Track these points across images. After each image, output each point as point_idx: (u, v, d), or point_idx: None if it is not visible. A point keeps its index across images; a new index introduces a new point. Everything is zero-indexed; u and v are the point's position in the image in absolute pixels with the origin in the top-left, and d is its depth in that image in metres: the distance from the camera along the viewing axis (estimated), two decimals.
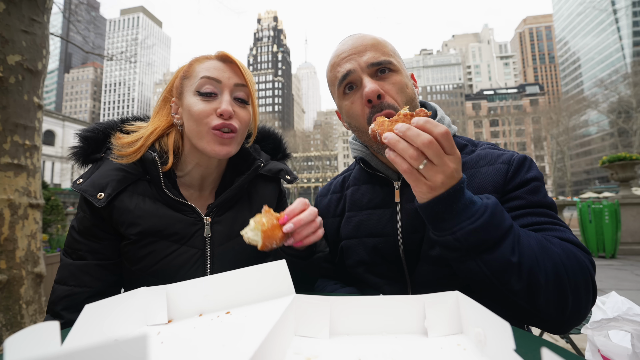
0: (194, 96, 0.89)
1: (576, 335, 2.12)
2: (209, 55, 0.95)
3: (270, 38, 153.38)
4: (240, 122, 0.91)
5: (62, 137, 44.01)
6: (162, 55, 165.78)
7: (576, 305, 0.67)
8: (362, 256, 0.97)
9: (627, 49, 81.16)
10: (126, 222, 0.87)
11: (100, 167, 0.91)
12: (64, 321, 0.83)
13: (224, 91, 0.90)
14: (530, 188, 0.82)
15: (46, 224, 5.40)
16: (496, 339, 0.41)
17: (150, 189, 0.92)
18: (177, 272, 0.89)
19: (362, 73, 0.87)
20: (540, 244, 0.69)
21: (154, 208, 0.90)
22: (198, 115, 0.87)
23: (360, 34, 0.94)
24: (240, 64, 0.93)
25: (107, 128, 0.99)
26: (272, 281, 0.68)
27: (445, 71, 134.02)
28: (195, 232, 0.93)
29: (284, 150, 1.18)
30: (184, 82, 0.93)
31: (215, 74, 0.90)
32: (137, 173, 0.91)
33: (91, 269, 0.87)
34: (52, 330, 0.41)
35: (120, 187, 0.88)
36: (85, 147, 0.96)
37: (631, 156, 7.74)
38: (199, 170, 0.98)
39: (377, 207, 0.99)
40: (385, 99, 0.86)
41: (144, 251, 0.88)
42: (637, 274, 5.36)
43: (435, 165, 0.63)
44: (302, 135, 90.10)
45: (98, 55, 6.52)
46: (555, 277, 0.66)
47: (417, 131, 0.62)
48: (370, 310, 0.56)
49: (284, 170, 1.09)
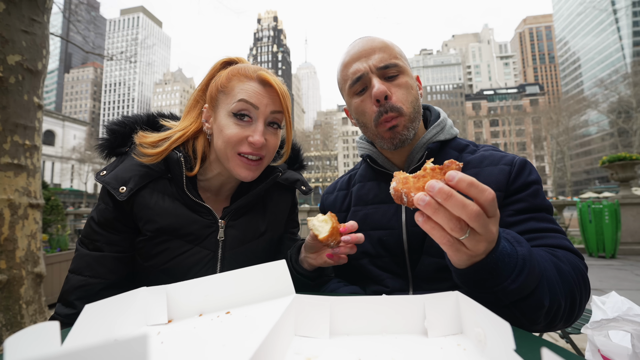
0: (228, 117, 0.88)
1: (576, 335, 2.12)
2: (249, 73, 0.90)
3: (270, 38, 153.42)
4: (268, 150, 0.92)
5: (62, 137, 44.01)
6: (162, 55, 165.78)
7: (579, 313, 0.74)
8: (366, 247, 1.00)
9: (627, 49, 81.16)
10: (144, 218, 0.88)
11: (124, 161, 0.93)
12: (76, 311, 0.83)
13: (260, 119, 0.89)
14: (532, 191, 0.87)
15: (46, 224, 5.40)
16: (496, 339, 0.41)
17: (170, 187, 0.93)
18: (188, 272, 0.91)
19: (372, 74, 0.93)
20: (558, 268, 0.71)
21: (172, 207, 0.91)
22: (230, 139, 0.87)
23: (370, 37, 0.99)
24: (279, 89, 0.90)
25: (135, 123, 0.99)
26: (272, 281, 0.68)
27: (445, 71, 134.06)
28: (210, 234, 0.94)
29: (301, 160, 1.20)
30: (220, 96, 0.91)
31: (254, 99, 0.88)
32: (159, 171, 0.92)
33: (107, 260, 0.88)
34: (52, 330, 0.41)
35: (142, 182, 0.89)
36: (112, 140, 0.97)
37: (631, 156, 7.74)
38: (220, 179, 0.99)
39: (383, 202, 1.02)
40: (391, 100, 0.91)
41: (158, 248, 0.89)
42: (637, 274, 5.36)
43: (480, 234, 0.54)
44: (302, 135, 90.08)
45: (98, 55, 6.53)
46: (571, 300, 0.71)
47: (461, 200, 0.51)
48: (370, 310, 0.56)
49: (300, 180, 1.11)
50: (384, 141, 0.95)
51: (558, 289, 0.68)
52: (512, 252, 0.61)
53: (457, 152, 1.02)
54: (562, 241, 0.81)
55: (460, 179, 0.52)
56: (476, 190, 0.52)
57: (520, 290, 0.61)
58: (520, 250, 0.62)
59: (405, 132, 0.93)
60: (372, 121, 0.94)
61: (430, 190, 0.52)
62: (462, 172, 0.53)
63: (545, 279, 0.66)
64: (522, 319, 0.66)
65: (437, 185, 0.51)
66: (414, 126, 0.95)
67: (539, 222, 0.83)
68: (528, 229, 0.83)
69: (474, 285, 0.63)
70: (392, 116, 0.91)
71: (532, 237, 0.81)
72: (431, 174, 0.56)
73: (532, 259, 0.62)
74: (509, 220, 0.85)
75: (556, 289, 0.67)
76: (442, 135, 1.01)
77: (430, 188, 0.52)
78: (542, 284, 0.65)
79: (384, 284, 0.96)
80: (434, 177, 0.55)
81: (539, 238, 0.81)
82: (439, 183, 0.51)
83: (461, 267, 0.62)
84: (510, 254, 0.61)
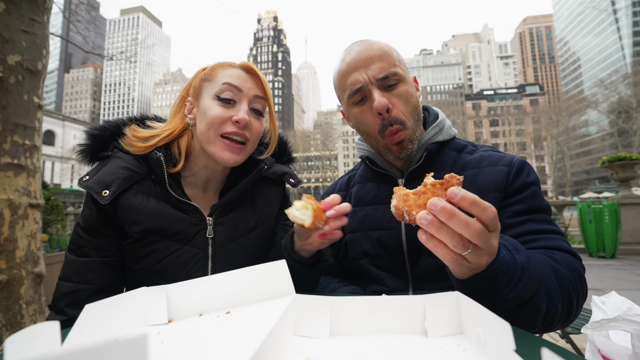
0: (212, 100, 0.90)
1: (576, 335, 2.12)
2: (233, 63, 0.96)
3: (270, 38, 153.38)
4: (252, 134, 0.93)
5: (62, 137, 44.02)
6: (162, 55, 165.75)
7: (576, 315, 0.75)
8: (366, 248, 1.00)
9: (627, 49, 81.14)
10: (130, 220, 0.88)
11: (106, 165, 0.92)
12: (67, 318, 0.84)
13: (243, 100, 0.92)
14: (530, 192, 0.88)
15: (46, 224, 5.40)
16: (496, 339, 0.41)
17: (154, 188, 0.92)
18: (179, 272, 0.90)
19: (372, 86, 0.92)
20: (555, 272, 0.72)
21: (157, 207, 0.90)
22: (213, 120, 0.88)
23: (367, 42, 0.97)
24: (262, 77, 0.95)
25: (116, 127, 1.00)
26: (272, 281, 0.68)
27: (445, 71, 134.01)
28: (198, 232, 0.93)
29: (289, 153, 1.19)
30: (203, 84, 0.94)
31: (237, 82, 0.91)
32: (142, 172, 0.92)
33: (95, 265, 0.88)
34: (52, 330, 0.41)
35: (125, 185, 0.88)
36: (92, 145, 0.97)
37: (631, 156, 7.74)
38: (205, 172, 0.99)
39: (382, 203, 1.02)
40: (393, 112, 0.91)
41: (146, 250, 0.89)
42: (637, 274, 5.36)
43: (482, 249, 0.55)
44: (302, 135, 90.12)
45: (98, 55, 6.53)
46: (569, 303, 0.72)
47: (464, 219, 0.51)
48: (370, 310, 0.56)
49: (288, 173, 1.09)
50: (390, 153, 0.96)
51: (555, 293, 0.69)
52: (511, 261, 0.61)
53: (456, 152, 1.02)
54: (560, 242, 0.82)
55: (463, 196, 0.52)
56: (478, 209, 0.52)
57: (519, 298, 0.62)
58: (519, 259, 0.63)
59: (410, 146, 0.94)
60: (376, 132, 0.95)
61: (433, 209, 0.51)
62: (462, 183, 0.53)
63: (543, 284, 0.67)
64: (520, 324, 0.66)
65: (439, 203, 0.51)
66: (417, 136, 0.96)
67: (537, 224, 0.84)
68: (527, 230, 0.84)
69: (474, 293, 0.63)
70: (397, 129, 0.91)
71: (531, 239, 0.82)
72: (432, 190, 0.55)
73: (530, 266, 0.63)
74: (508, 222, 0.86)
75: (553, 294, 0.68)
76: (441, 136, 1.01)
77: (433, 206, 0.51)
78: (540, 290, 0.65)
79: (384, 284, 0.96)
80: (434, 193, 0.55)
81: (537, 240, 0.82)
82: (441, 201, 0.51)
83: (462, 278, 0.63)
84: (509, 262, 0.61)
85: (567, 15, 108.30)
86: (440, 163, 1.00)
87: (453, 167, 0.98)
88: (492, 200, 0.88)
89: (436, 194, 0.55)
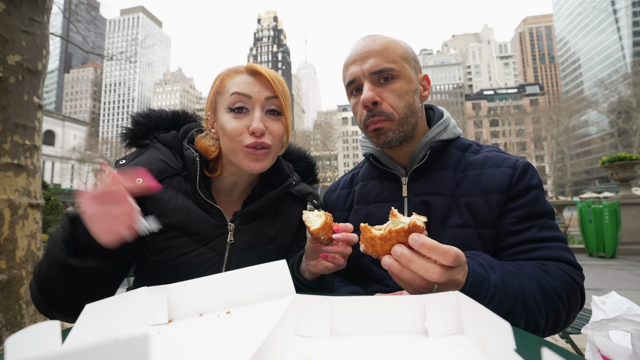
0: (226, 113, 0.90)
1: (576, 335, 2.12)
2: (238, 69, 0.94)
3: (270, 38, 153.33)
4: (273, 137, 0.91)
5: (62, 137, 44.01)
6: (162, 55, 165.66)
7: (567, 322, 0.77)
8: None
9: (627, 49, 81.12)
10: (156, 211, 0.89)
11: (144, 153, 0.94)
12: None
13: (255, 107, 0.90)
14: (533, 197, 0.88)
15: (46, 224, 5.40)
16: (496, 339, 0.41)
17: (185, 185, 0.94)
18: (194, 272, 0.91)
19: (364, 79, 0.94)
20: (542, 287, 0.73)
21: (185, 204, 0.92)
22: (231, 134, 0.88)
23: (372, 37, 0.99)
24: (269, 76, 0.91)
25: (160, 118, 1.02)
26: (272, 281, 0.68)
27: (445, 71, 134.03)
28: (218, 235, 0.95)
29: (315, 175, 1.21)
30: (217, 97, 0.94)
31: (245, 89, 0.89)
32: (176, 168, 0.94)
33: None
34: (52, 330, 0.41)
35: (159, 177, 0.90)
36: (136, 131, 0.98)
37: (631, 156, 7.74)
38: (233, 178, 1.00)
39: (385, 201, 1.03)
40: (381, 105, 0.93)
41: (166, 244, 0.90)
42: (637, 274, 5.36)
43: (447, 284, 0.60)
44: (302, 135, 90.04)
45: (98, 55, 6.53)
46: (554, 317, 0.73)
47: (421, 265, 0.56)
48: (370, 310, 0.56)
49: (313, 194, 1.12)
50: (371, 140, 1.01)
51: (537, 309, 0.70)
52: (485, 279, 0.65)
53: (460, 151, 1.02)
54: (559, 252, 0.82)
55: (422, 244, 0.56)
56: (437, 255, 0.56)
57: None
58: (493, 277, 0.66)
59: (390, 135, 0.94)
60: (362, 123, 0.99)
61: (394, 255, 0.59)
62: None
63: (522, 301, 0.68)
64: None
65: (399, 250, 0.58)
66: (404, 129, 0.96)
67: (540, 231, 0.85)
68: (528, 238, 0.84)
69: None
70: (379, 119, 0.94)
71: (531, 248, 0.83)
72: (396, 237, 0.60)
73: (505, 284, 0.66)
74: (511, 229, 0.86)
75: (535, 309, 0.70)
76: (445, 134, 1.02)
77: (394, 253, 0.59)
78: (517, 306, 0.67)
79: (385, 283, 0.96)
80: (398, 239, 0.60)
81: (537, 249, 0.83)
82: (402, 248, 0.58)
83: None
84: (483, 281, 0.64)
85: (567, 15, 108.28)
86: (444, 162, 1.00)
87: (457, 166, 0.98)
88: (495, 202, 0.88)
89: (400, 240, 0.60)
